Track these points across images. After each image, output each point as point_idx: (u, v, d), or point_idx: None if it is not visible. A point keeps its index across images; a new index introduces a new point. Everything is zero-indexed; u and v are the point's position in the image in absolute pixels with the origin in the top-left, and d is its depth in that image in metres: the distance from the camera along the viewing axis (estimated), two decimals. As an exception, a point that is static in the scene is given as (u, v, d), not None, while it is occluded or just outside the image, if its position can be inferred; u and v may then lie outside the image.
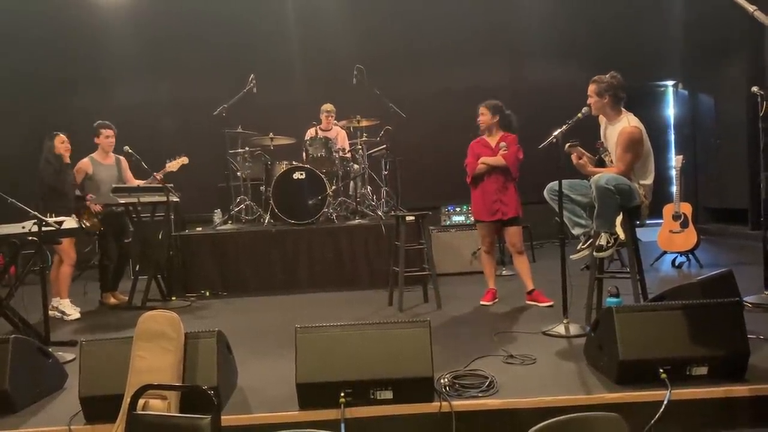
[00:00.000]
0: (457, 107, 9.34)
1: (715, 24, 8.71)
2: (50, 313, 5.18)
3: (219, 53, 9.29)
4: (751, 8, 2.94)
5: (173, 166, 6.12)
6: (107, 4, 9.16)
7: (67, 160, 5.64)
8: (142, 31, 9.26)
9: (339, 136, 7.56)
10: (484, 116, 5.15)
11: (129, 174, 6.25)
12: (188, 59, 9.37)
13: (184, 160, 6.19)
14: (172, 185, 5.96)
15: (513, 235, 5.11)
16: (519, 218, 5.09)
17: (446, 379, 3.17)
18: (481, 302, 5.20)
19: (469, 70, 9.59)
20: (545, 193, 4.24)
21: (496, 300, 5.26)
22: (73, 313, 5.59)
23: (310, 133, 7.50)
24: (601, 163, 4.25)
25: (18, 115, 9.33)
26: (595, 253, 4.14)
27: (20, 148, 9.21)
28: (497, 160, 5.05)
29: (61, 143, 5.60)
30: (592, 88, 4.14)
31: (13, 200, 4.20)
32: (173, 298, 6.08)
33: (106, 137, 6.01)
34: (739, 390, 2.94)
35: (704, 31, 9.07)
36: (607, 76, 4.11)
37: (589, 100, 4.16)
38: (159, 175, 5.91)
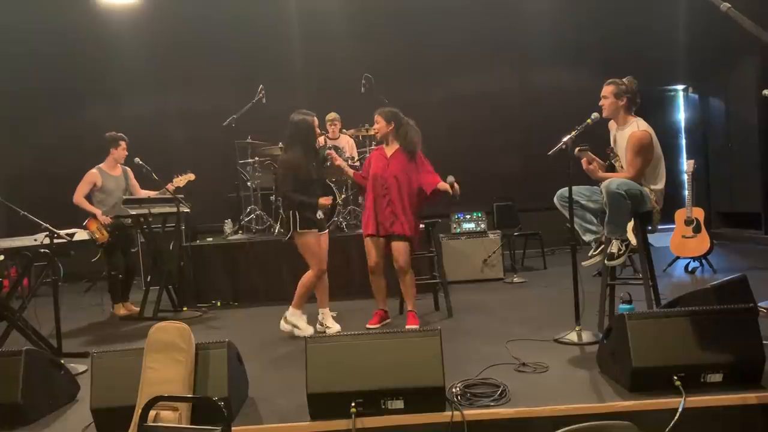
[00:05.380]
0: (465, 114, 9.40)
1: (724, 27, 8.60)
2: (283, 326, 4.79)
3: (228, 64, 9.35)
4: (723, 6, 2.92)
5: (180, 181, 6.10)
6: (116, 18, 9.23)
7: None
8: (151, 44, 9.32)
9: (347, 144, 7.57)
10: (379, 124, 4.91)
11: (136, 185, 6.28)
12: (197, 71, 9.43)
13: (191, 176, 6.18)
14: (182, 196, 5.99)
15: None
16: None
17: (458, 388, 3.15)
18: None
19: (476, 76, 9.60)
20: (555, 199, 4.22)
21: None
22: (306, 328, 4.83)
23: (319, 142, 7.50)
24: (611, 169, 4.23)
25: (29, 129, 9.43)
26: (606, 262, 4.11)
27: (32, 162, 9.34)
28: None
29: (317, 125, 4.98)
30: (609, 89, 4.09)
31: (26, 213, 4.23)
32: (184, 309, 6.09)
33: (124, 149, 6.09)
34: (755, 397, 2.90)
35: (713, 34, 9.01)
36: (624, 79, 4.09)
37: (603, 102, 4.11)
38: (170, 188, 5.93)
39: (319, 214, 4.83)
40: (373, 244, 4.84)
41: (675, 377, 2.93)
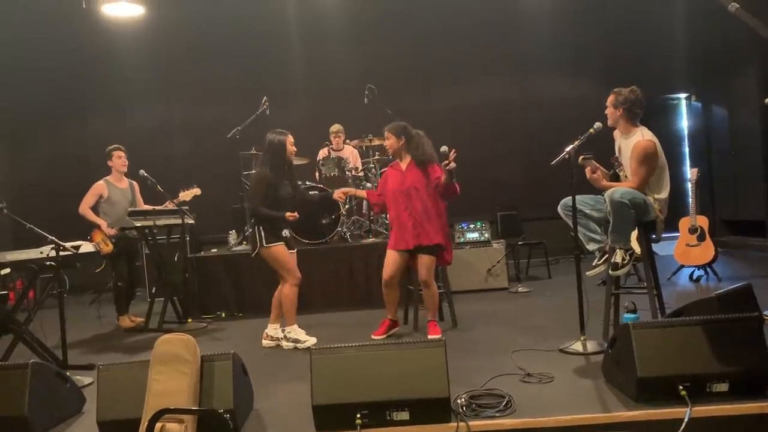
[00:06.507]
0: (467, 123, 9.39)
1: (726, 35, 8.70)
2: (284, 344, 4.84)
3: (231, 76, 9.38)
4: (732, 6, 2.93)
5: (186, 195, 6.11)
6: (119, 30, 9.27)
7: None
8: (154, 56, 9.36)
9: (351, 155, 7.59)
10: (390, 140, 4.90)
11: (140, 200, 6.30)
12: (201, 83, 9.47)
13: (197, 191, 6.19)
14: (187, 207, 6.01)
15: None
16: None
17: (463, 399, 3.15)
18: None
19: (478, 86, 9.61)
20: (559, 208, 4.23)
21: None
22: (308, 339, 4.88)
23: (323, 153, 7.54)
24: (615, 179, 4.24)
25: (34, 143, 9.48)
26: (611, 272, 4.11)
27: (38, 175, 9.39)
28: None
29: (292, 144, 4.93)
30: (609, 99, 4.17)
31: (32, 226, 4.26)
32: (189, 320, 6.10)
33: (119, 158, 6.11)
34: (762, 407, 2.88)
35: (716, 42, 9.05)
36: (626, 89, 4.11)
37: (607, 111, 4.18)
38: (173, 204, 5.95)
39: (285, 233, 4.87)
40: (393, 258, 4.83)
41: (680, 387, 2.92)
